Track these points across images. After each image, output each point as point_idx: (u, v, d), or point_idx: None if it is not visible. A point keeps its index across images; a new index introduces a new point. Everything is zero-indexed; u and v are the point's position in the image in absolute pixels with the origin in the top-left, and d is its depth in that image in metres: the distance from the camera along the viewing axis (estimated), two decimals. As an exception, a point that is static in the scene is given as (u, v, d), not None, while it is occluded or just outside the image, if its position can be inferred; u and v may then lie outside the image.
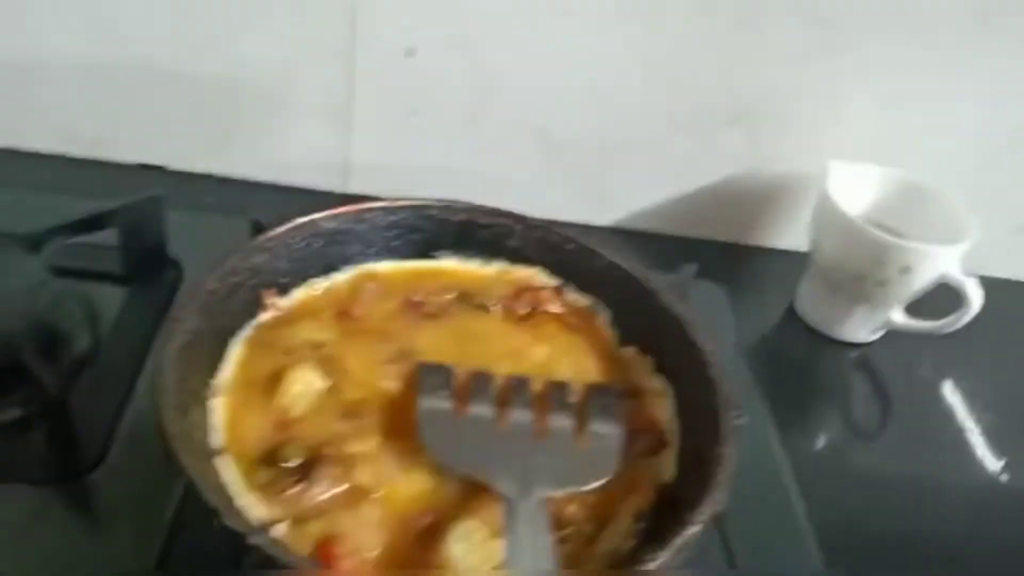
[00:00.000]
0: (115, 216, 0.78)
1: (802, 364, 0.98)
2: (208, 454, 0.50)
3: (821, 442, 0.91)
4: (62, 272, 0.77)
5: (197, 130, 1.01)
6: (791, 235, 1.07)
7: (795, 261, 1.04)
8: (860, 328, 0.97)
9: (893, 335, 0.99)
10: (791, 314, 1.02)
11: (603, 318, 0.67)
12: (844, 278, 0.93)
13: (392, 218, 0.67)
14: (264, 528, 0.47)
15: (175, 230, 0.84)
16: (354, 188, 1.05)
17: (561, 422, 0.57)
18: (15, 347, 0.66)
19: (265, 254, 0.61)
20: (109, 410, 0.70)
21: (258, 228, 0.77)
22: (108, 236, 0.79)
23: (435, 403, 0.56)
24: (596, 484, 0.53)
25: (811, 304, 0.99)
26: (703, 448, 0.54)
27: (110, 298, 0.81)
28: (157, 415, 0.47)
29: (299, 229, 0.63)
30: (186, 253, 0.86)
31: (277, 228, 0.62)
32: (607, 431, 0.56)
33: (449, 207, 0.68)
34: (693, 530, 0.48)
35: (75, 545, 0.62)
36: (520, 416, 0.56)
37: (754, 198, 1.06)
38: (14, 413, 0.70)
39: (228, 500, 0.45)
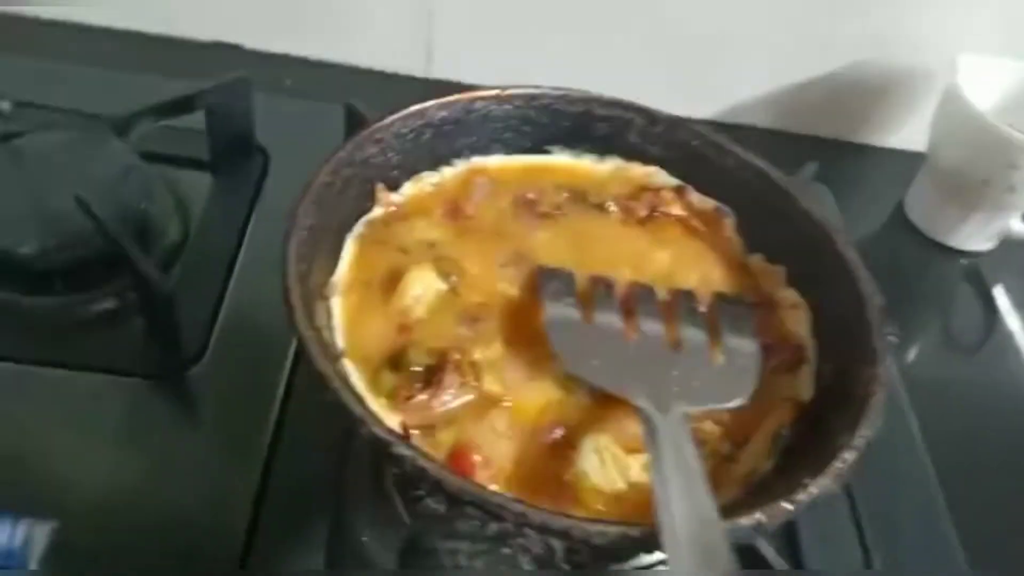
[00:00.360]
0: (203, 98, 0.74)
1: (909, 271, 0.93)
2: (334, 357, 0.47)
3: (923, 352, 0.87)
4: (150, 157, 0.75)
5: (274, 6, 0.95)
6: (903, 133, 1.01)
7: (906, 161, 0.98)
8: (975, 236, 0.92)
9: (1007, 245, 0.93)
10: (899, 217, 0.96)
11: (729, 223, 0.62)
12: (966, 182, 0.87)
13: (504, 108, 0.62)
14: (406, 436, 0.45)
15: (260, 115, 0.81)
16: (436, 73, 1.00)
17: (693, 334, 0.53)
18: (109, 235, 0.64)
19: (376, 146, 0.57)
20: (206, 303, 0.68)
21: (353, 115, 0.73)
22: (194, 120, 0.76)
23: (562, 311, 0.52)
24: (736, 403, 0.50)
25: (924, 208, 0.94)
26: (848, 367, 0.51)
27: (198, 185, 0.78)
28: (288, 316, 0.45)
29: (409, 119, 0.59)
30: (273, 140, 0.82)
31: (388, 117, 0.58)
32: (744, 346, 0.53)
33: (565, 96, 0.63)
34: (852, 456, 0.44)
35: (177, 440, 0.61)
36: (649, 327, 0.53)
37: (866, 92, 0.99)
38: (110, 303, 0.68)
39: (367, 408, 0.42)
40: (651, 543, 0.40)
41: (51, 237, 0.66)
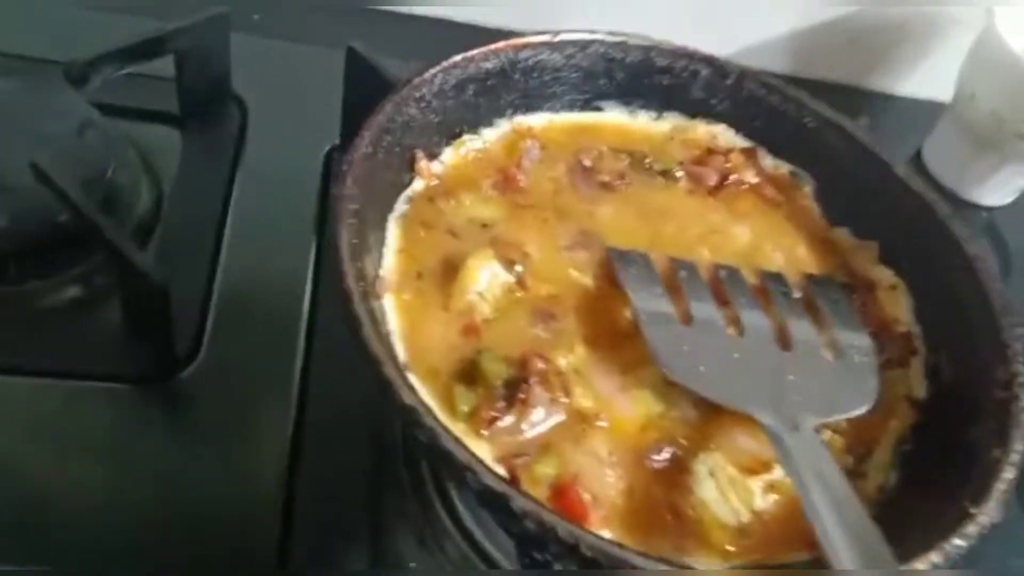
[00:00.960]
0: (172, 40, 0.62)
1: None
2: (400, 374, 0.38)
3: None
4: (110, 110, 0.62)
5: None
6: (920, 81, 0.95)
7: (923, 110, 0.93)
8: (998, 189, 0.88)
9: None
10: (917, 167, 0.91)
11: (808, 190, 0.55)
12: (996, 133, 0.82)
13: (554, 57, 0.53)
14: (514, 479, 0.37)
15: (236, 60, 0.69)
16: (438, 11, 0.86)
17: (800, 328, 0.46)
18: (83, 209, 0.52)
19: (416, 105, 0.47)
20: (195, 287, 0.58)
21: (356, 61, 0.63)
22: (162, 67, 0.64)
23: (653, 305, 0.45)
24: (865, 408, 0.43)
25: (945, 159, 0.89)
26: (969, 361, 0.45)
27: (164, 143, 0.66)
28: (356, 332, 0.36)
29: (452, 71, 0.49)
30: (251, 89, 0.71)
31: (428, 70, 0.48)
32: (855, 339, 0.46)
33: (623, 43, 0.54)
34: (1011, 474, 0.39)
35: (177, 459, 0.51)
36: (751, 320, 0.46)
37: (883, 38, 0.92)
38: (74, 291, 0.57)
39: (465, 448, 0.34)
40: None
41: (2, 212, 0.54)
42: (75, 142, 0.58)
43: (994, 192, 0.88)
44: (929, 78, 0.93)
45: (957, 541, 0.36)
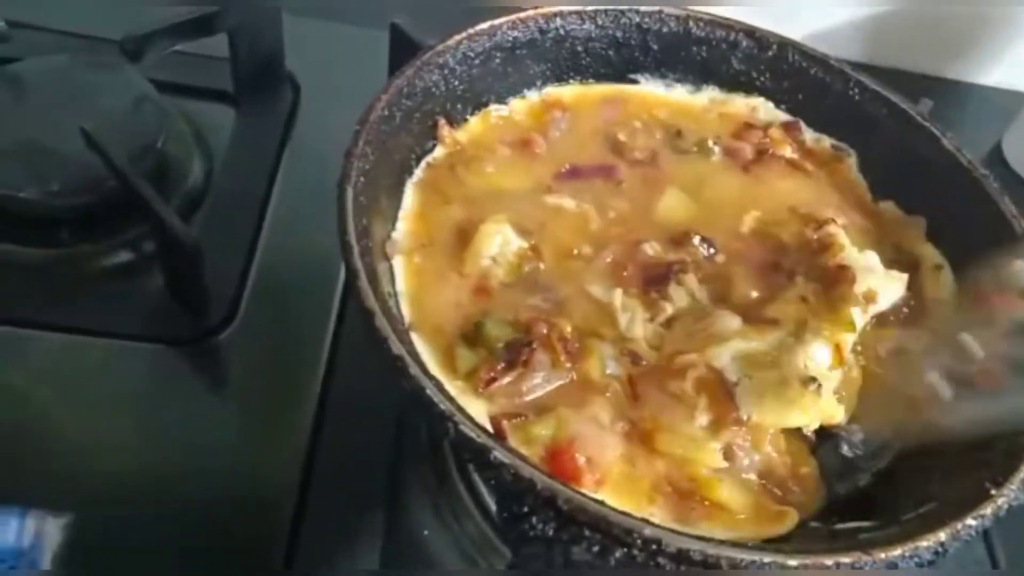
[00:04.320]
0: (225, 18, 0.64)
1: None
2: (401, 332, 0.38)
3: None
4: (165, 87, 0.65)
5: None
6: (1002, 71, 0.90)
7: (1004, 100, 0.88)
8: (1083, 183, 0.82)
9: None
10: (996, 158, 0.86)
11: (851, 163, 0.53)
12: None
13: (586, 27, 0.52)
14: (501, 434, 0.36)
15: (290, 40, 0.70)
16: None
17: None
18: (126, 175, 0.55)
19: (439, 72, 0.48)
20: (236, 257, 0.59)
21: (400, 38, 0.63)
22: (216, 45, 0.66)
23: None
24: None
25: (1024, 150, 0.84)
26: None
27: (220, 120, 0.69)
28: (353, 282, 0.36)
29: (477, 39, 0.49)
30: (305, 69, 0.72)
31: (452, 38, 0.48)
32: None
33: (659, 13, 0.53)
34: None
35: (207, 417, 0.52)
36: None
37: (962, 25, 0.87)
38: (123, 256, 0.60)
39: (451, 400, 0.34)
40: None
41: (54, 179, 0.56)
42: (129, 114, 0.61)
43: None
44: (1013, 68, 0.88)
45: (971, 521, 0.33)
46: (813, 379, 0.38)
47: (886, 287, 0.43)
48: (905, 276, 0.45)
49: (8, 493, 0.47)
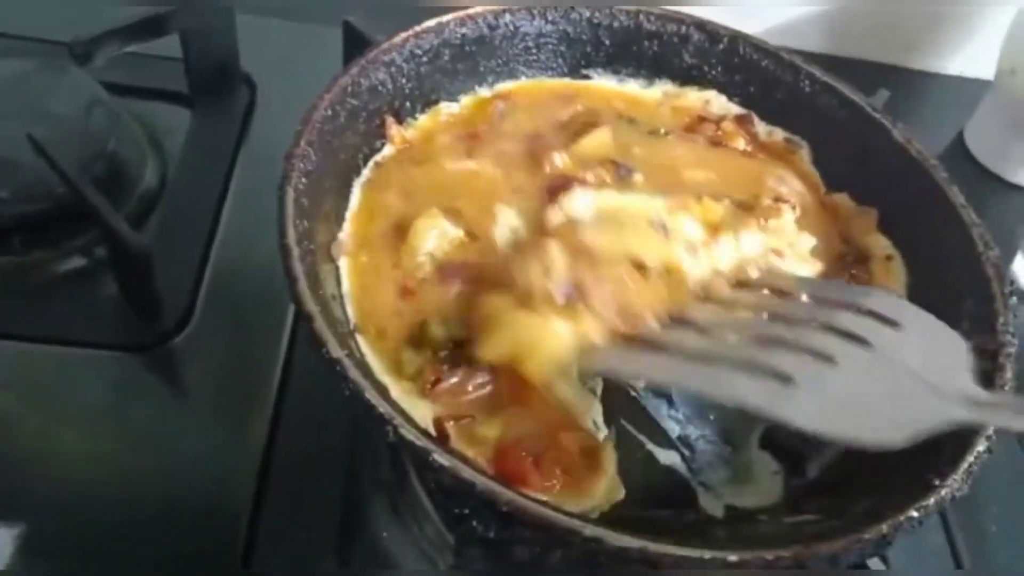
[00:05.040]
0: (177, 17, 0.63)
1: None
2: (345, 335, 0.38)
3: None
4: (118, 89, 0.64)
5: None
6: (962, 59, 0.90)
7: (966, 89, 0.88)
8: (1041, 170, 0.82)
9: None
10: (959, 148, 0.87)
11: (804, 154, 0.53)
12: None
13: (536, 23, 0.52)
14: (443, 436, 0.36)
15: (244, 39, 0.70)
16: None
17: None
18: (74, 181, 0.54)
19: (386, 70, 0.47)
20: (190, 261, 0.59)
21: (353, 35, 0.63)
22: (169, 46, 0.65)
23: None
24: None
25: (986, 140, 0.84)
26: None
27: (174, 122, 0.68)
28: (292, 287, 0.36)
29: (425, 36, 0.49)
30: (260, 68, 0.72)
31: (399, 35, 0.48)
32: None
33: (608, 9, 0.53)
34: (981, 448, 0.36)
35: (162, 422, 0.52)
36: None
37: (924, 14, 0.88)
38: (77, 262, 0.59)
39: (393, 403, 0.33)
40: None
41: (3, 187, 0.56)
42: (79, 118, 0.60)
43: (1037, 173, 0.83)
44: (974, 56, 0.88)
45: (913, 513, 0.34)
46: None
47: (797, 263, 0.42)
48: (819, 266, 0.45)
49: (-41, 504, 0.46)
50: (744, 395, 0.34)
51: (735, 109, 0.54)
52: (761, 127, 0.54)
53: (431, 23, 0.49)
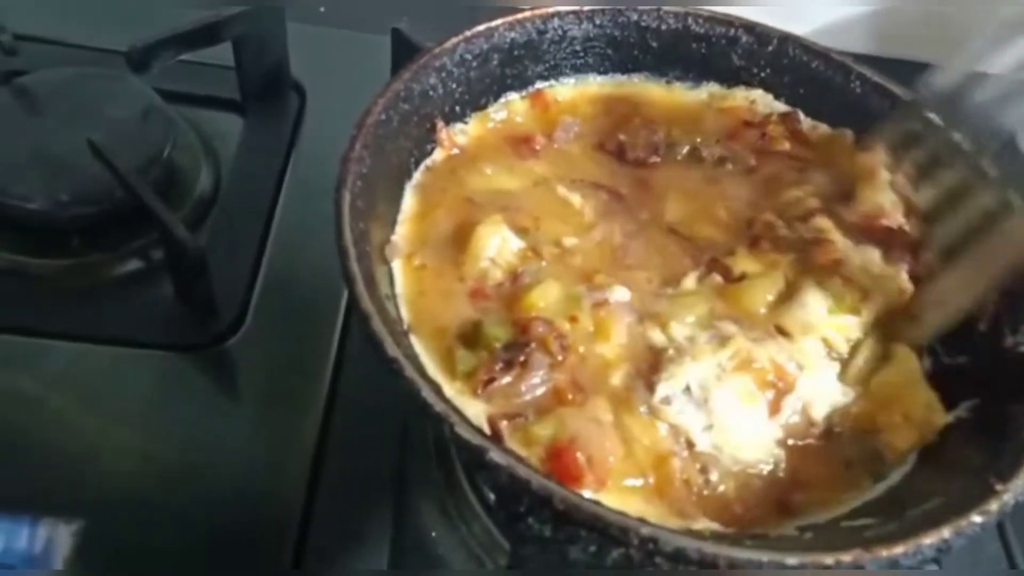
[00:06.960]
0: (230, 27, 0.64)
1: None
2: (400, 334, 0.39)
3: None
4: (172, 96, 0.66)
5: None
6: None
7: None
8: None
9: None
10: (1011, 148, 0.85)
11: (848, 137, 0.52)
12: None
13: (584, 27, 0.53)
14: (497, 435, 0.36)
15: (295, 48, 0.71)
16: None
17: None
18: (132, 185, 0.55)
19: (436, 75, 0.48)
20: (243, 263, 0.60)
21: (401, 43, 0.63)
22: (222, 54, 0.66)
23: None
24: None
25: (1041, 140, 0.82)
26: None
27: (227, 128, 0.69)
28: (350, 287, 0.36)
29: (474, 41, 0.49)
30: (310, 76, 0.73)
31: (449, 40, 0.48)
32: None
33: (657, 11, 0.53)
34: None
35: (216, 422, 0.53)
36: None
37: (972, 14, 0.86)
38: (134, 264, 0.60)
39: (448, 402, 0.34)
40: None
41: (63, 190, 0.57)
42: (136, 124, 0.62)
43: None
44: (1027, 53, 0.86)
45: (975, 518, 0.33)
46: None
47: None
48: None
49: (20, 500, 0.47)
50: None
51: (780, 107, 0.54)
52: (806, 123, 0.53)
53: (481, 28, 0.49)
